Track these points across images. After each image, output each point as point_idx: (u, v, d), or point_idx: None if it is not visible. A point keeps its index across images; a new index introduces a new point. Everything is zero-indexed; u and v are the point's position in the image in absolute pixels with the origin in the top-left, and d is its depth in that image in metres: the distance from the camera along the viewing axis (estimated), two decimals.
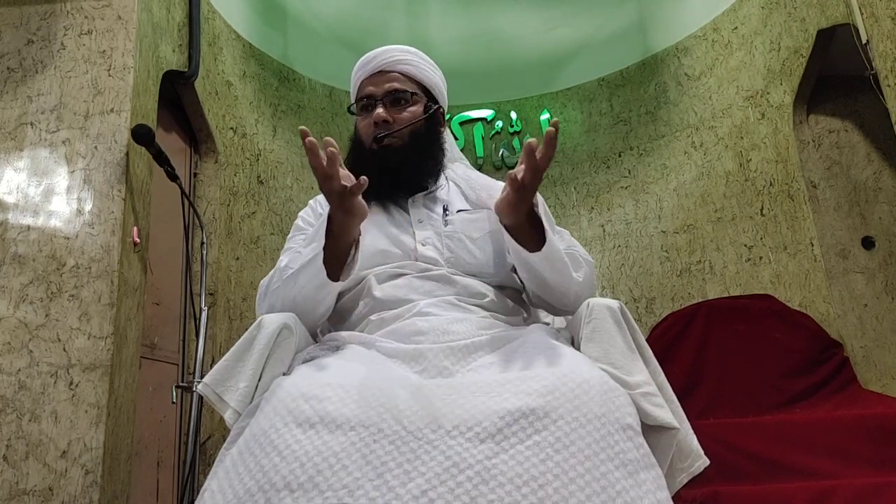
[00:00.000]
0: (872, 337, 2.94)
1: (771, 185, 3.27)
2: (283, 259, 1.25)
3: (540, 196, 1.20)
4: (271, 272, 1.25)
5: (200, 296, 2.16)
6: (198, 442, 1.89)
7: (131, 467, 2.04)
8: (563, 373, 0.94)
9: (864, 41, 2.49)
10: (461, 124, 4.16)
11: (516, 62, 4.19)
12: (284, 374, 1.06)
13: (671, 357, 3.03)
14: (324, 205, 1.30)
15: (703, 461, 1.07)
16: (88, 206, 2.04)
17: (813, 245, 3.08)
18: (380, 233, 1.29)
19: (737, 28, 3.50)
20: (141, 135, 2.08)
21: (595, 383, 0.94)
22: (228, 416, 1.02)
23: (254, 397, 1.03)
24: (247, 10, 3.47)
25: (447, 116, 1.56)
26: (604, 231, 3.82)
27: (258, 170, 3.32)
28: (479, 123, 4.17)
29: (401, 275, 1.24)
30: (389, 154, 1.31)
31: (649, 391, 1.02)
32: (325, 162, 1.06)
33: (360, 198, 1.11)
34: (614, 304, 1.09)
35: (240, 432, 0.95)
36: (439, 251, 1.26)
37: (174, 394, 2.47)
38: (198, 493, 0.93)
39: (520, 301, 1.33)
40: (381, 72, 1.37)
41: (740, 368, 2.94)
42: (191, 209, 2.35)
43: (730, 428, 2.51)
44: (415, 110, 1.35)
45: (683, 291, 3.49)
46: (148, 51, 2.35)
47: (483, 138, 4.14)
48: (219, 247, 2.87)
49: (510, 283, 1.30)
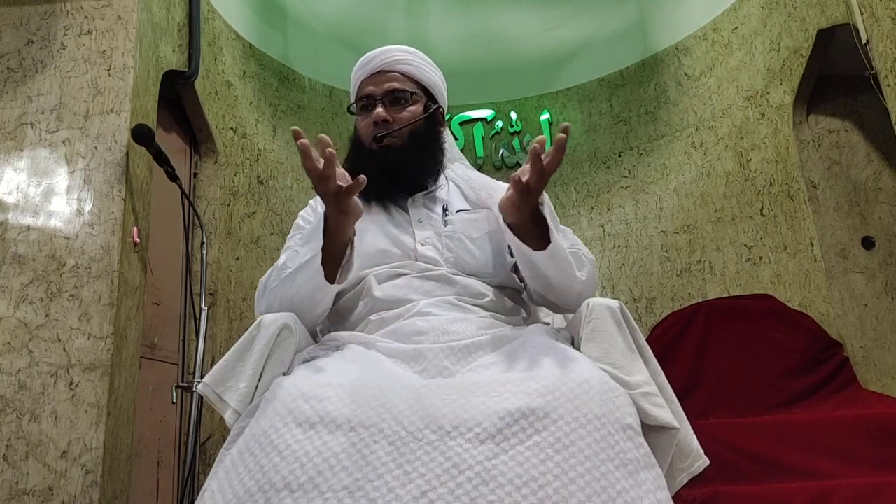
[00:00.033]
0: (872, 337, 2.94)
1: (771, 185, 3.27)
2: (282, 258, 1.25)
3: (546, 194, 1.19)
4: (269, 270, 1.25)
5: (200, 296, 2.16)
6: (198, 442, 1.89)
7: (131, 467, 2.04)
8: (563, 373, 0.94)
9: (864, 41, 2.49)
10: (461, 124, 4.16)
11: (516, 62, 4.19)
12: (284, 374, 1.06)
13: (671, 357, 3.03)
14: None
15: (703, 461, 1.07)
16: (88, 206, 2.04)
17: (813, 245, 3.08)
18: (380, 232, 1.29)
19: (737, 28, 3.50)
20: (141, 135, 2.08)
21: (595, 383, 0.94)
22: (228, 416, 1.03)
23: (254, 397, 1.03)
24: (247, 10, 3.47)
25: (447, 116, 1.56)
26: (604, 231, 3.82)
27: (258, 170, 3.32)
28: (479, 123, 4.17)
29: (401, 275, 1.24)
30: (389, 154, 1.31)
31: (649, 391, 1.02)
32: (322, 164, 1.05)
33: (356, 197, 1.11)
34: (614, 304, 1.09)
35: (240, 432, 0.95)
36: (439, 251, 1.26)
37: (174, 394, 2.47)
38: (198, 493, 0.93)
39: (520, 301, 1.33)
40: (380, 72, 1.37)
41: (740, 368, 2.94)
42: (191, 209, 2.35)
43: (730, 428, 2.51)
44: (414, 110, 1.35)
45: (683, 291, 3.49)
46: (148, 51, 2.35)
47: (483, 138, 4.14)
48: (219, 247, 2.87)
49: (510, 283, 1.30)
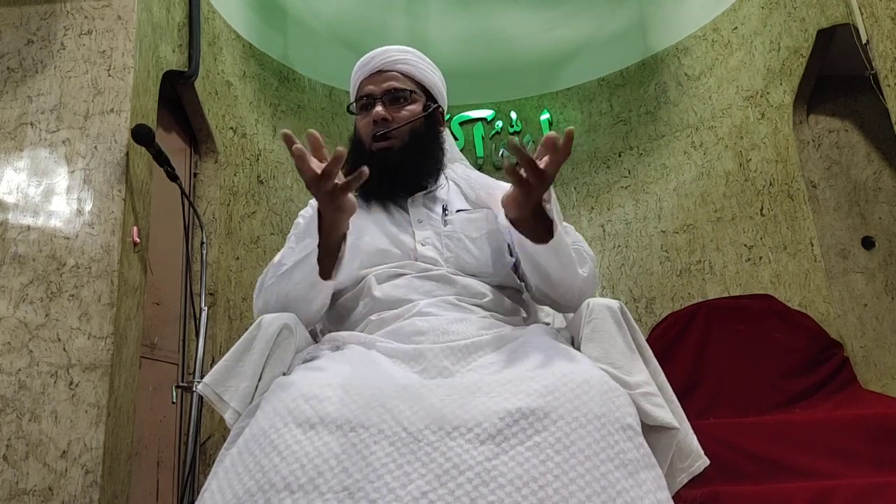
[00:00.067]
0: (872, 337, 2.94)
1: (771, 185, 3.27)
2: (278, 256, 1.26)
3: (552, 190, 1.18)
4: (266, 268, 1.25)
5: (200, 296, 2.16)
6: (198, 442, 1.89)
7: (131, 467, 2.04)
8: (564, 373, 0.94)
9: (864, 41, 2.49)
10: (461, 124, 4.16)
11: (516, 62, 4.19)
12: (284, 375, 1.06)
13: (671, 357, 3.03)
14: None
15: (703, 461, 1.07)
16: (88, 206, 2.04)
17: (813, 245, 3.08)
18: (379, 232, 1.29)
19: (737, 28, 3.50)
20: (141, 135, 2.08)
21: (595, 383, 0.94)
22: (228, 417, 1.03)
23: (254, 397, 1.03)
24: (247, 10, 3.47)
25: (447, 117, 1.56)
26: (604, 231, 3.81)
27: (258, 170, 3.32)
28: (479, 123, 4.17)
29: (400, 275, 1.24)
30: (389, 155, 1.31)
31: (649, 391, 1.02)
32: (326, 164, 1.04)
33: (350, 195, 1.11)
34: (614, 304, 1.09)
35: (240, 432, 0.95)
36: (439, 251, 1.26)
37: (174, 394, 2.47)
38: (198, 493, 0.93)
39: (519, 301, 1.32)
40: (379, 71, 1.37)
41: (740, 368, 2.94)
42: (191, 209, 2.35)
43: (730, 428, 2.51)
44: (413, 109, 1.35)
45: (683, 291, 3.49)
46: (148, 51, 2.35)
47: (483, 138, 4.14)
48: (219, 247, 2.87)
49: (510, 283, 1.30)
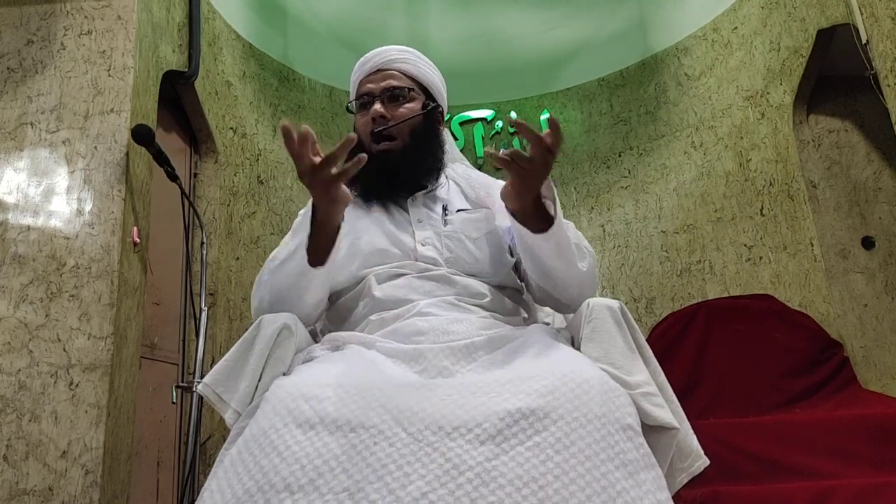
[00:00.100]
0: (872, 337, 2.94)
1: (771, 185, 3.27)
2: (273, 252, 1.26)
3: (552, 183, 1.18)
4: (264, 265, 1.26)
5: (200, 296, 2.16)
6: (198, 442, 1.89)
7: (131, 467, 2.04)
8: (563, 373, 0.94)
9: (864, 41, 2.49)
10: (461, 124, 4.16)
11: (516, 62, 4.19)
12: (284, 374, 1.06)
13: (671, 357, 3.03)
14: None
15: (703, 461, 1.07)
16: (88, 206, 2.04)
17: (813, 245, 3.08)
18: (379, 232, 1.29)
19: (737, 28, 3.49)
20: (141, 135, 2.08)
21: (595, 383, 0.94)
22: (228, 417, 1.03)
23: (254, 397, 1.03)
24: (247, 10, 3.47)
25: (447, 117, 1.56)
26: (604, 231, 3.81)
27: (258, 170, 3.32)
28: (479, 123, 4.17)
29: (401, 275, 1.24)
30: (390, 156, 1.31)
31: (649, 391, 1.02)
32: (330, 153, 1.04)
33: (343, 185, 1.11)
34: (614, 303, 1.09)
35: (239, 432, 0.95)
36: (439, 251, 1.26)
37: (174, 394, 2.47)
38: (198, 493, 0.93)
39: (520, 301, 1.32)
40: (378, 70, 1.37)
41: (740, 368, 2.94)
42: (191, 209, 2.35)
43: (730, 428, 2.51)
44: (412, 107, 1.35)
45: (683, 291, 3.49)
46: (148, 51, 2.35)
47: (483, 138, 4.14)
48: (219, 247, 2.87)
49: (510, 283, 1.30)
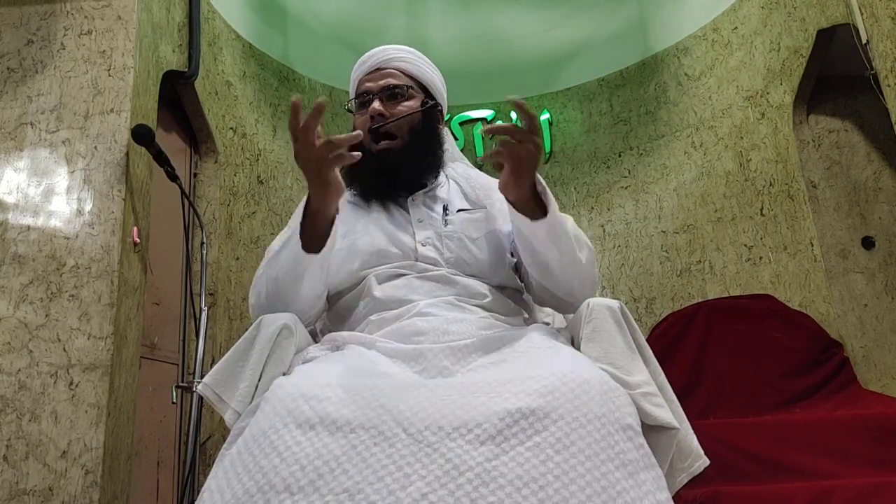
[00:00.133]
0: (872, 337, 2.93)
1: (771, 185, 3.27)
2: (269, 246, 1.27)
3: (547, 190, 1.19)
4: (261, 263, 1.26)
5: (200, 296, 2.16)
6: (198, 442, 1.89)
7: (131, 467, 2.04)
8: (564, 373, 0.94)
9: (864, 41, 2.49)
10: (461, 124, 4.16)
11: (516, 62, 4.19)
12: (284, 375, 1.06)
13: (671, 357, 3.03)
14: None
15: (704, 461, 1.07)
16: (88, 206, 2.04)
17: (813, 245, 3.08)
18: (380, 232, 1.29)
19: (737, 28, 3.49)
20: (141, 135, 2.08)
21: (595, 383, 0.94)
22: (228, 417, 1.03)
23: (253, 397, 1.03)
24: (247, 10, 3.47)
25: (447, 117, 1.56)
26: (604, 231, 3.81)
27: (258, 170, 3.32)
28: (479, 123, 4.17)
29: (401, 275, 1.24)
30: (389, 156, 1.31)
31: (649, 391, 1.02)
32: (305, 120, 1.06)
33: (337, 173, 1.11)
34: (614, 303, 1.09)
35: (239, 432, 0.95)
36: (439, 251, 1.26)
37: (174, 394, 2.47)
38: (198, 493, 0.93)
39: (520, 301, 1.32)
40: (378, 69, 1.37)
41: (740, 368, 2.94)
42: (191, 209, 2.35)
43: (730, 428, 2.51)
44: (411, 105, 1.35)
45: (683, 291, 3.49)
46: (148, 51, 2.35)
47: (483, 138, 4.14)
48: (219, 247, 2.87)
49: (510, 284, 1.30)
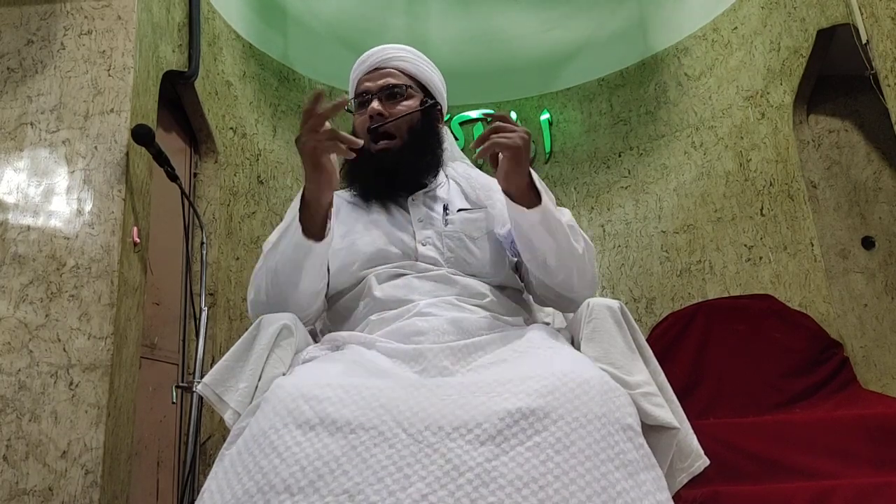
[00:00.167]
0: (872, 337, 2.93)
1: (771, 185, 3.27)
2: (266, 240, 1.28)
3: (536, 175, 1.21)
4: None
5: (200, 296, 2.16)
6: (198, 442, 1.88)
7: (131, 467, 2.04)
8: (564, 373, 0.94)
9: (864, 41, 2.49)
10: (461, 124, 4.16)
11: (516, 62, 4.19)
12: (284, 375, 1.06)
13: (671, 357, 3.03)
14: None
15: (704, 461, 1.07)
16: (88, 206, 2.04)
17: (813, 245, 3.08)
18: (380, 232, 1.29)
19: (737, 28, 3.49)
20: (141, 135, 2.08)
21: (595, 383, 0.94)
22: (228, 417, 1.03)
23: (253, 397, 1.03)
24: (247, 10, 3.47)
25: (447, 117, 1.56)
26: (604, 231, 3.81)
27: (258, 170, 3.32)
28: (480, 123, 4.17)
29: (401, 275, 1.24)
30: (388, 155, 1.31)
31: (649, 391, 1.02)
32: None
33: (333, 164, 1.12)
34: (614, 303, 1.09)
35: (239, 433, 0.95)
36: (440, 251, 1.26)
37: (174, 394, 2.47)
38: (198, 493, 0.93)
39: (520, 301, 1.32)
40: (377, 69, 1.37)
41: (740, 368, 2.94)
42: (191, 209, 2.35)
43: (730, 428, 2.50)
44: (410, 104, 1.35)
45: (683, 291, 3.49)
46: (148, 51, 2.35)
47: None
48: (219, 247, 2.87)
49: (510, 283, 1.30)
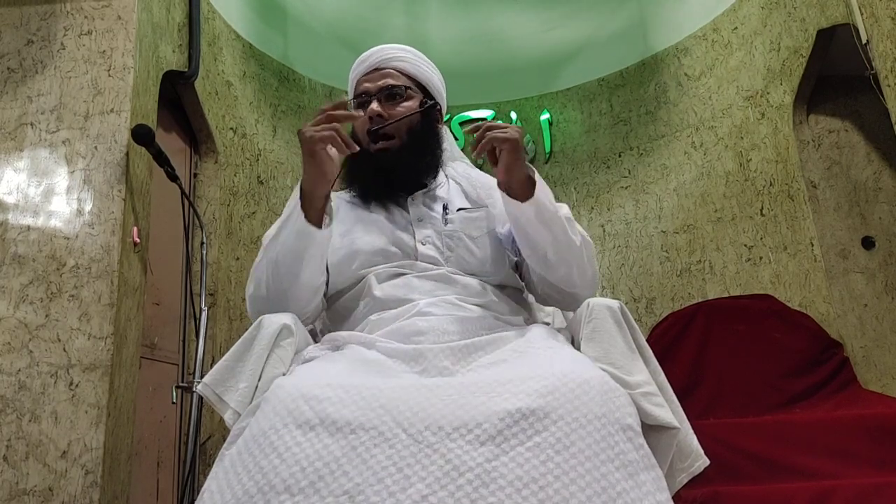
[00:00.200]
0: (872, 337, 2.93)
1: (771, 185, 3.27)
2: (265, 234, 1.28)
3: (536, 172, 1.22)
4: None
5: (200, 296, 2.16)
6: (198, 442, 1.89)
7: (131, 467, 2.04)
8: (563, 373, 0.94)
9: (864, 41, 2.49)
10: (461, 124, 4.16)
11: (516, 62, 4.19)
12: (284, 375, 1.06)
13: (671, 357, 3.03)
14: None
15: (704, 461, 1.07)
16: (88, 206, 2.04)
17: (813, 245, 3.08)
18: (379, 232, 1.29)
19: (737, 28, 3.49)
20: (141, 135, 2.08)
21: (595, 383, 0.94)
22: (228, 417, 1.03)
23: (253, 397, 1.03)
24: (247, 10, 3.47)
25: (447, 117, 1.56)
26: (604, 231, 3.81)
27: (258, 170, 3.32)
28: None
29: (401, 274, 1.24)
30: (387, 155, 1.31)
31: (649, 391, 1.02)
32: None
33: (332, 158, 1.14)
34: (614, 303, 1.09)
35: (239, 433, 0.95)
36: (439, 250, 1.26)
37: (174, 394, 2.47)
38: (198, 494, 0.93)
39: (520, 301, 1.32)
40: (376, 69, 1.37)
41: (740, 368, 2.94)
42: (191, 209, 2.35)
43: (730, 428, 2.50)
44: (410, 105, 1.35)
45: (683, 291, 3.49)
46: (148, 51, 2.35)
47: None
48: (219, 247, 2.87)
49: (510, 283, 1.30)
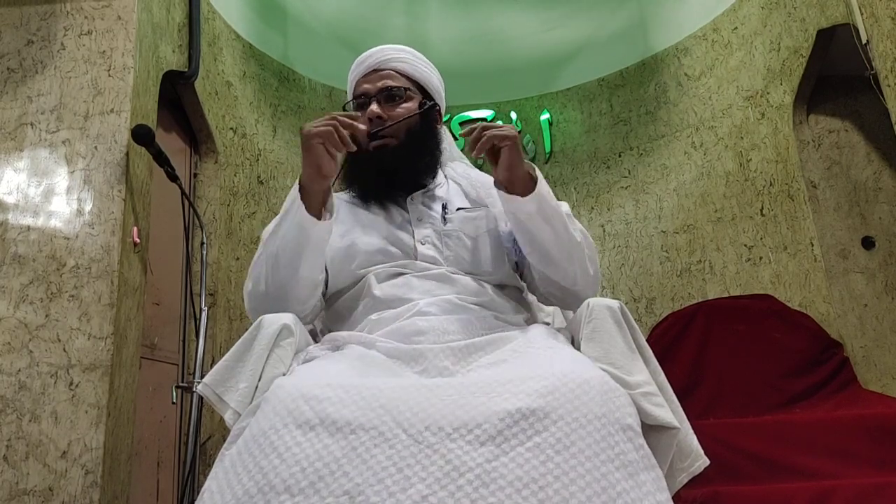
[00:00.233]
0: (872, 337, 2.93)
1: (771, 185, 3.27)
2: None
3: (539, 171, 1.22)
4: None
5: (200, 296, 2.16)
6: (198, 442, 1.89)
7: (131, 467, 2.04)
8: (564, 373, 0.94)
9: (864, 41, 2.49)
10: (461, 125, 4.16)
11: (516, 62, 4.19)
12: (284, 375, 1.06)
13: (671, 357, 3.03)
14: None
15: (704, 461, 1.07)
16: (88, 207, 2.04)
17: (813, 245, 3.08)
18: (379, 232, 1.29)
19: (737, 28, 3.49)
20: (141, 135, 2.08)
21: (595, 383, 0.94)
22: (228, 417, 1.03)
23: (253, 397, 1.03)
24: (247, 11, 3.47)
25: (446, 117, 1.56)
26: (604, 231, 3.81)
27: (258, 170, 3.32)
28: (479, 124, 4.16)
29: (400, 274, 1.24)
30: (386, 155, 1.31)
31: (649, 391, 1.02)
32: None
33: (329, 152, 1.14)
34: (614, 303, 1.09)
35: (239, 433, 0.95)
36: (439, 250, 1.26)
37: (174, 394, 2.47)
38: (198, 494, 0.93)
39: (520, 300, 1.32)
40: (375, 70, 1.37)
41: (740, 368, 2.94)
42: (191, 209, 2.35)
43: (730, 428, 2.50)
44: (409, 106, 1.34)
45: (683, 291, 3.49)
46: (148, 51, 2.35)
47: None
48: (219, 247, 2.87)
49: (510, 283, 1.30)
